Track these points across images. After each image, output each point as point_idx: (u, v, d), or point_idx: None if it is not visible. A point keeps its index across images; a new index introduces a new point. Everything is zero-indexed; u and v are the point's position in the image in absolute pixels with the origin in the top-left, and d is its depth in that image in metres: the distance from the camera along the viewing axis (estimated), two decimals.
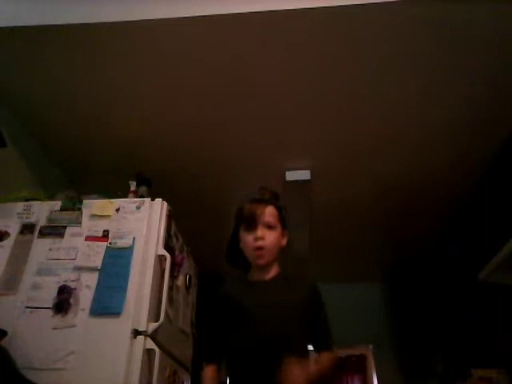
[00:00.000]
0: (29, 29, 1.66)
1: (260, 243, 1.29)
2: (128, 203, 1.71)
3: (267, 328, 1.22)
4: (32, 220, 1.69)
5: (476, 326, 2.66)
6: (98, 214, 1.68)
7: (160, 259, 1.62)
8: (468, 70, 1.84)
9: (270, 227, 1.32)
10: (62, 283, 1.52)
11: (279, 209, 1.38)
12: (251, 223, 1.32)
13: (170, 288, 1.70)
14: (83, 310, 1.46)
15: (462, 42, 1.70)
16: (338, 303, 3.89)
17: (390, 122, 2.14)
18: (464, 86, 1.91)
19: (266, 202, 1.36)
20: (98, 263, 1.55)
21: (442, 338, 3.15)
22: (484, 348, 2.50)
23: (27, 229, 1.66)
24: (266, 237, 1.30)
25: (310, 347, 1.30)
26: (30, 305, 1.49)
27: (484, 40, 1.69)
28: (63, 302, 1.47)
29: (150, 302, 1.49)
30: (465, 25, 1.63)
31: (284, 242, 1.38)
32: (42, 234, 1.65)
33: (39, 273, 1.55)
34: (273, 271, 1.35)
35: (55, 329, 1.44)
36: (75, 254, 1.59)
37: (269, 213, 1.34)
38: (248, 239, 1.32)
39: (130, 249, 1.58)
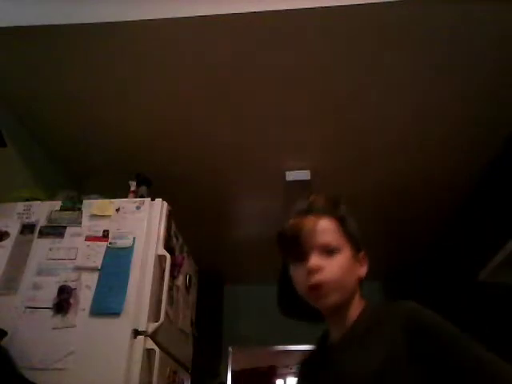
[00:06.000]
0: (29, 29, 1.66)
1: (316, 279, 0.81)
2: (128, 203, 1.71)
3: None
4: (32, 220, 1.69)
5: (476, 326, 2.66)
6: (98, 214, 1.68)
7: (160, 259, 1.62)
8: (468, 70, 1.84)
9: (329, 251, 0.83)
10: (61, 283, 1.51)
11: (342, 221, 0.89)
12: (298, 250, 0.85)
13: (170, 288, 1.70)
14: (83, 309, 1.46)
15: (463, 42, 1.70)
16: None
17: (390, 122, 2.14)
18: (465, 85, 1.91)
19: (317, 214, 0.88)
20: (98, 263, 1.55)
21: None
22: (484, 348, 2.49)
23: (27, 229, 1.66)
24: (323, 267, 0.82)
25: None
26: (30, 305, 1.49)
27: (484, 39, 1.69)
28: (63, 301, 1.47)
29: (150, 302, 1.49)
30: (464, 24, 1.63)
31: (362, 270, 0.88)
32: (41, 234, 1.65)
33: (39, 273, 1.55)
34: (350, 320, 0.84)
35: (55, 329, 1.43)
36: (75, 254, 1.59)
37: (323, 229, 0.85)
38: (298, 275, 0.85)
39: (130, 249, 1.58)
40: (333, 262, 0.82)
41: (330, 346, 0.87)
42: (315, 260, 0.82)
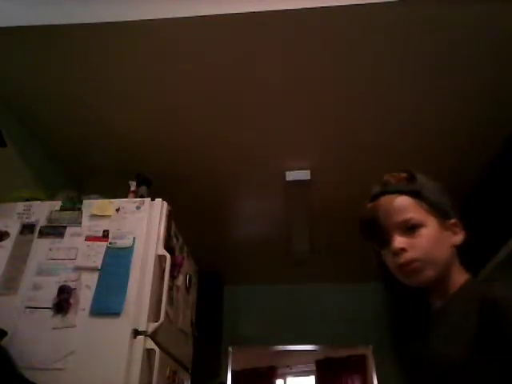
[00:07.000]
0: (29, 29, 1.66)
1: (403, 258, 0.82)
2: (128, 203, 1.71)
3: None
4: (32, 220, 1.69)
5: None
6: (98, 214, 1.68)
7: (160, 259, 1.62)
8: (468, 70, 1.84)
9: (411, 228, 0.83)
10: (61, 283, 1.52)
11: (418, 194, 0.87)
12: (379, 234, 0.86)
13: (170, 288, 1.70)
14: (83, 309, 1.46)
15: (463, 42, 1.70)
16: (339, 303, 3.91)
17: (390, 121, 2.14)
18: (465, 85, 1.91)
19: (392, 193, 0.88)
20: (98, 263, 1.55)
21: None
22: None
23: (27, 229, 1.66)
24: (409, 245, 0.82)
25: None
26: (30, 305, 1.49)
27: (484, 39, 1.69)
28: (63, 301, 1.47)
29: (150, 302, 1.49)
30: (464, 24, 1.63)
31: (456, 238, 0.89)
32: (41, 234, 1.65)
33: (39, 273, 1.55)
34: (450, 289, 0.85)
35: (55, 329, 1.44)
36: (75, 253, 1.59)
37: (399, 206, 0.85)
38: (388, 259, 0.87)
39: (130, 249, 1.58)
40: (418, 238, 0.82)
41: (432, 314, 0.87)
42: (398, 240, 0.83)
